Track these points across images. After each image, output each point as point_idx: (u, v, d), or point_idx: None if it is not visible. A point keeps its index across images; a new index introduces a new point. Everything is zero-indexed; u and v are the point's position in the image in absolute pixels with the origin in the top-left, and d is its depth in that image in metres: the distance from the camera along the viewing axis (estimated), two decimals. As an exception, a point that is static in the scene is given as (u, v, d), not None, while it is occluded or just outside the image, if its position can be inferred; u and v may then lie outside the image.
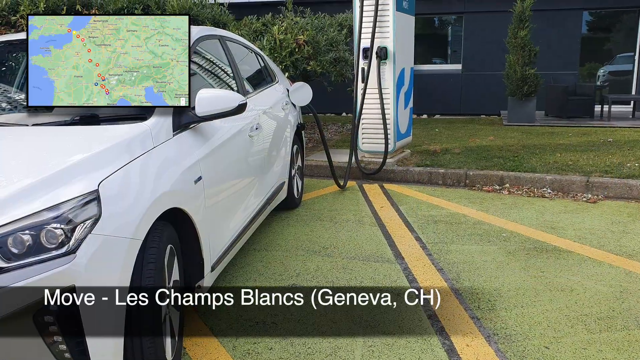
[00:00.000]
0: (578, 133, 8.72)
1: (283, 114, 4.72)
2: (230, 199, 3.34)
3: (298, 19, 8.04)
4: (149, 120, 2.65)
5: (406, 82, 6.68)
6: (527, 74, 9.72)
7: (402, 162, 6.61)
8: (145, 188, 2.31)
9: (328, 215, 4.88)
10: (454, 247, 4.07)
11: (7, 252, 1.86)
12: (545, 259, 3.83)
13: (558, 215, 4.86)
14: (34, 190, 1.98)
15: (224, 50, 3.91)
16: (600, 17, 12.10)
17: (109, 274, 2.04)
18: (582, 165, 6.15)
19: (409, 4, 6.60)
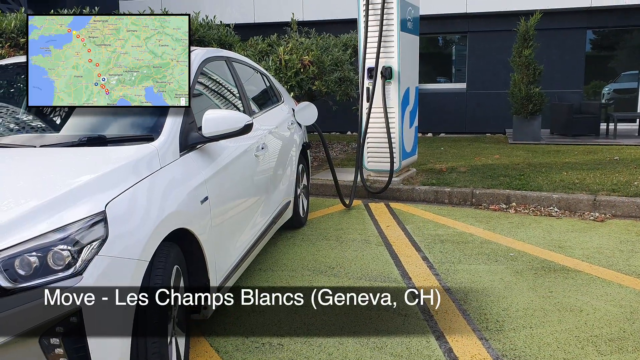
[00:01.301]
0: (584, 151, 8.70)
1: (289, 134, 4.73)
2: (236, 219, 3.33)
3: (303, 39, 8.11)
4: (156, 141, 2.66)
5: (411, 101, 6.70)
6: (532, 93, 9.74)
7: (408, 181, 6.61)
8: (152, 209, 2.31)
9: (334, 235, 4.86)
10: (461, 266, 4.05)
11: (13, 273, 1.86)
12: (553, 278, 3.79)
13: (565, 234, 4.83)
14: (41, 211, 1.99)
15: (230, 71, 3.95)
16: (604, 35, 12.16)
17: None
18: (589, 184, 6.12)
19: (414, 24, 6.65)
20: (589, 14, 11.27)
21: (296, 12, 11.29)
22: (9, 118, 3.16)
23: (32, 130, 3.01)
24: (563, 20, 11.30)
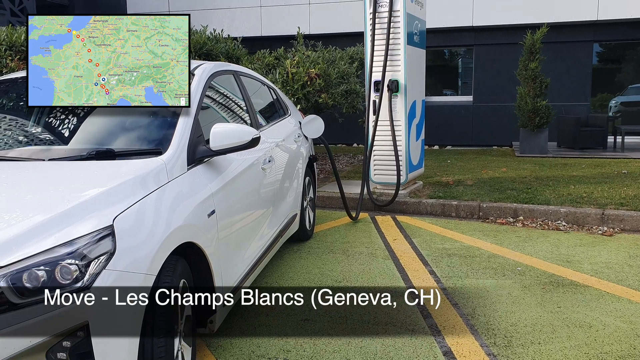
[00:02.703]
0: (591, 164, 8.67)
1: (295, 146, 4.74)
2: (243, 232, 3.33)
3: (310, 52, 8.16)
4: (164, 155, 2.67)
5: (418, 114, 6.71)
6: (539, 106, 9.74)
7: (414, 194, 6.59)
8: (159, 223, 2.31)
9: (340, 248, 4.85)
10: (469, 281, 4.02)
11: (21, 288, 1.86)
12: (561, 293, 3.76)
13: (573, 248, 4.79)
14: (49, 225, 1.99)
15: (237, 84, 3.97)
16: (610, 48, 12.15)
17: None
18: (597, 198, 6.09)
19: (420, 38, 6.68)
20: (596, 27, 11.28)
21: (303, 26, 11.37)
22: (18, 131, 3.18)
23: (41, 142, 3.03)
24: (569, 33, 11.31)
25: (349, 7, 11.84)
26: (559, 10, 11.02)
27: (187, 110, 2.97)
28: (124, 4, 13.63)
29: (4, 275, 1.84)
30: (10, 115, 3.32)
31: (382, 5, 6.16)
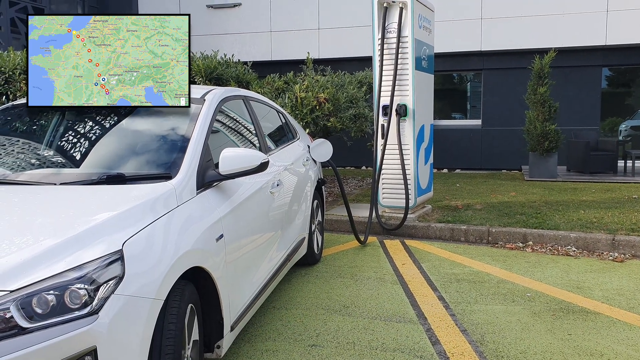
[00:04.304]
0: (601, 189, 8.62)
1: (304, 170, 4.77)
2: (251, 256, 3.34)
3: (319, 77, 8.23)
4: (174, 179, 2.69)
5: (426, 138, 6.73)
6: (548, 130, 9.73)
7: (423, 218, 6.58)
8: (168, 247, 2.33)
9: (349, 272, 4.83)
10: (478, 307, 3.99)
11: (30, 312, 1.87)
12: (572, 320, 3.72)
13: (584, 274, 4.75)
14: (59, 250, 2.01)
15: (247, 109, 4.01)
16: (620, 72, 12.16)
17: (130, 335, 2.04)
18: (607, 223, 6.04)
19: (428, 63, 6.73)
20: (604, 52, 11.31)
21: (312, 50, 11.51)
22: (32, 154, 3.23)
23: (53, 165, 3.07)
24: (578, 58, 11.35)
25: (358, 33, 11.97)
26: (567, 35, 11.09)
27: (197, 134, 3.01)
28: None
29: (14, 300, 1.86)
30: (24, 138, 3.37)
31: (391, 31, 6.23)
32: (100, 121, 3.33)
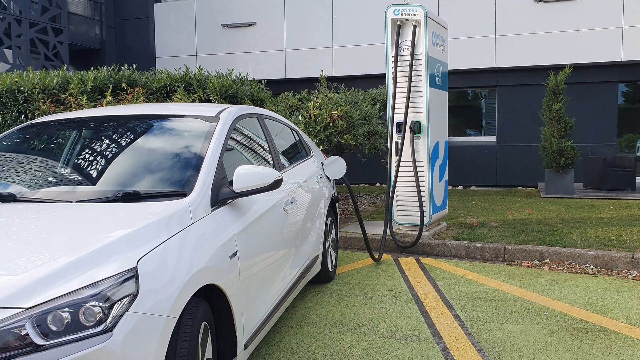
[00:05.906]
0: (619, 206, 8.50)
1: (317, 187, 4.77)
2: (265, 273, 3.33)
3: (332, 94, 8.27)
4: (188, 197, 2.71)
5: (440, 155, 6.71)
6: (564, 147, 9.66)
7: (438, 235, 6.53)
8: (182, 265, 2.33)
9: (363, 290, 4.80)
10: (494, 326, 3.93)
11: (45, 329, 1.88)
12: (591, 340, 3.64)
13: (603, 293, 4.66)
14: (74, 267, 2.02)
15: (261, 127, 4.04)
16: (637, 88, 12.06)
17: (144, 352, 2.04)
18: (626, 240, 5.94)
19: (442, 80, 6.74)
20: (620, 68, 11.25)
21: (326, 68, 11.59)
22: (47, 172, 3.27)
23: (69, 183, 3.10)
24: (594, 74, 11.29)
25: (371, 50, 12.04)
26: (582, 51, 11.05)
27: (211, 152, 3.04)
28: (153, 49, 14.09)
29: (29, 317, 1.87)
30: (41, 157, 3.43)
31: (404, 49, 6.25)
32: (116, 139, 3.37)
